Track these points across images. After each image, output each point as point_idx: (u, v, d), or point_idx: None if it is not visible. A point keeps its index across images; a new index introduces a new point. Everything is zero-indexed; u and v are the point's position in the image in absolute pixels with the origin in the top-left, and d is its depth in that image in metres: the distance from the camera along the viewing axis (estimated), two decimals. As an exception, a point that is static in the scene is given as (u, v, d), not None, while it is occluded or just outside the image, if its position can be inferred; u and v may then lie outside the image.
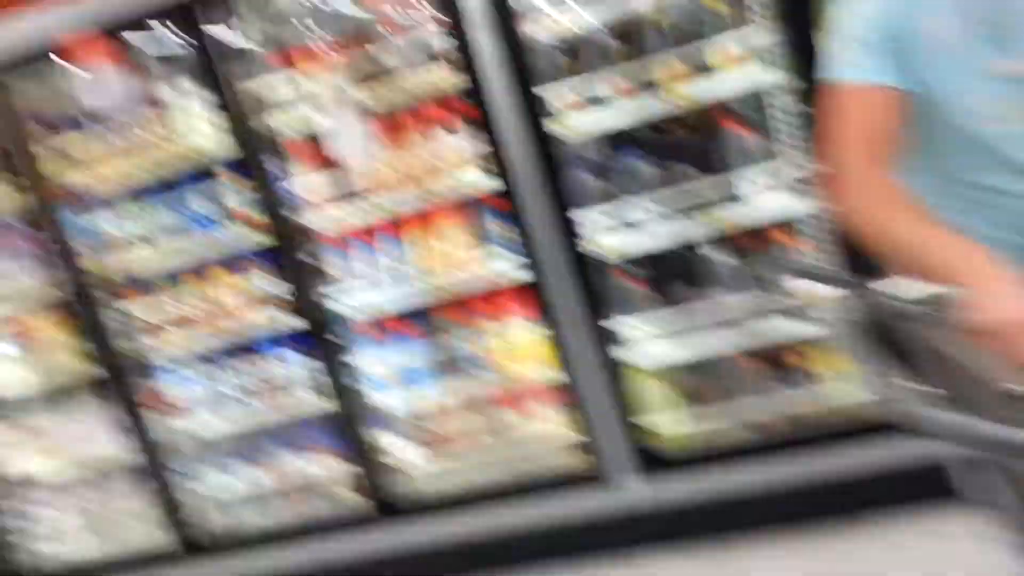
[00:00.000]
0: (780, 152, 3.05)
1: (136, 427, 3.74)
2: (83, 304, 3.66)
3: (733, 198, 3.01)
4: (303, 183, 3.44)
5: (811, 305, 3.01)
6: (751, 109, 3.11)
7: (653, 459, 3.20)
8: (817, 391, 3.14)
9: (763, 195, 2.98)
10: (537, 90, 2.96)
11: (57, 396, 4.14)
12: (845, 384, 3.07)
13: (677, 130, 3.19)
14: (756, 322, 3.09)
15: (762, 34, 2.87)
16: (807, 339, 3.12)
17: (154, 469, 3.78)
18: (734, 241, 3.17)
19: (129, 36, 3.30)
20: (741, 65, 2.90)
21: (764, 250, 3.17)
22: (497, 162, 3.05)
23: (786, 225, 3.10)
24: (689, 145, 3.16)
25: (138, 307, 3.75)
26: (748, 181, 3.00)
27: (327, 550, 3.66)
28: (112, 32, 3.27)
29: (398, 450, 3.63)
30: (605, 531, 3.31)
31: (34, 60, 3.38)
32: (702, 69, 2.94)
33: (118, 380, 3.72)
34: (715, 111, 3.09)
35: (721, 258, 3.16)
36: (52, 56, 3.32)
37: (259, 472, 3.86)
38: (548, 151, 3.00)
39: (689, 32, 3.01)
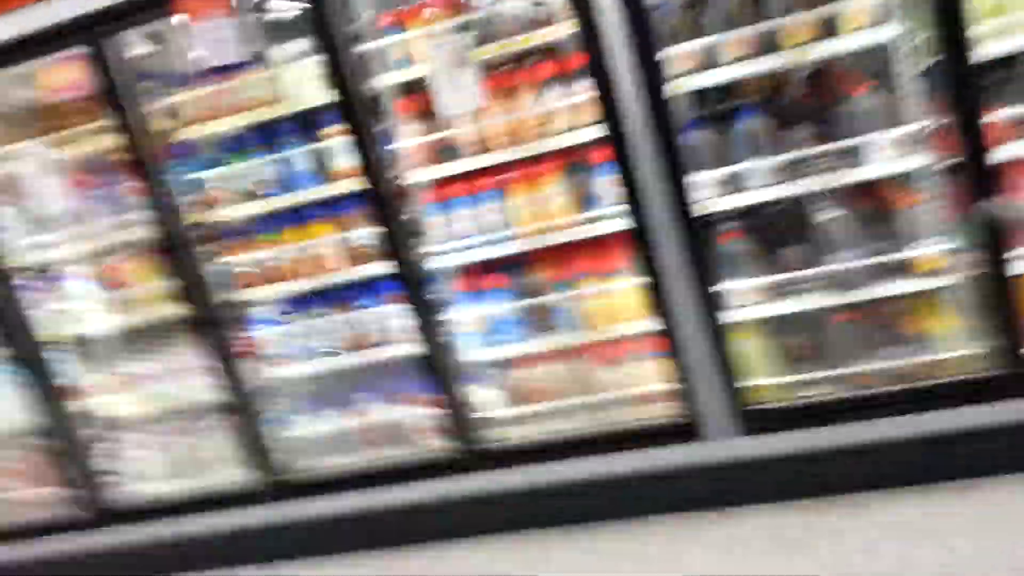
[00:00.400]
0: (901, 107, 3.03)
1: (226, 370, 3.81)
2: (179, 250, 3.71)
3: (851, 156, 3.00)
4: (405, 138, 3.46)
5: (926, 263, 3.01)
6: (873, 65, 3.07)
7: (752, 414, 3.22)
8: (923, 349, 3.16)
9: (882, 152, 2.96)
10: (654, 45, 2.93)
11: (146, 338, 4.25)
12: (952, 341, 3.10)
13: (795, 88, 3.14)
14: (865, 280, 3.09)
15: None
16: (916, 296, 3.14)
17: (242, 411, 3.85)
18: (848, 199, 3.17)
19: None
20: (866, 21, 2.86)
21: (878, 208, 3.15)
22: (608, 115, 3.04)
23: (901, 180, 3.10)
24: (807, 103, 3.13)
25: (234, 256, 3.82)
26: (868, 138, 2.97)
27: (411, 494, 3.70)
28: None
29: (487, 399, 3.69)
30: (699, 485, 3.34)
31: (143, 11, 3.37)
32: (826, 26, 2.91)
33: (210, 324, 3.79)
34: (836, 68, 3.05)
35: (834, 215, 3.15)
36: (162, 8, 3.30)
37: (346, 416, 3.93)
38: (662, 106, 2.98)
39: None
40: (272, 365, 3.89)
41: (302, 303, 3.88)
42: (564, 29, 3.10)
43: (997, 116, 2.79)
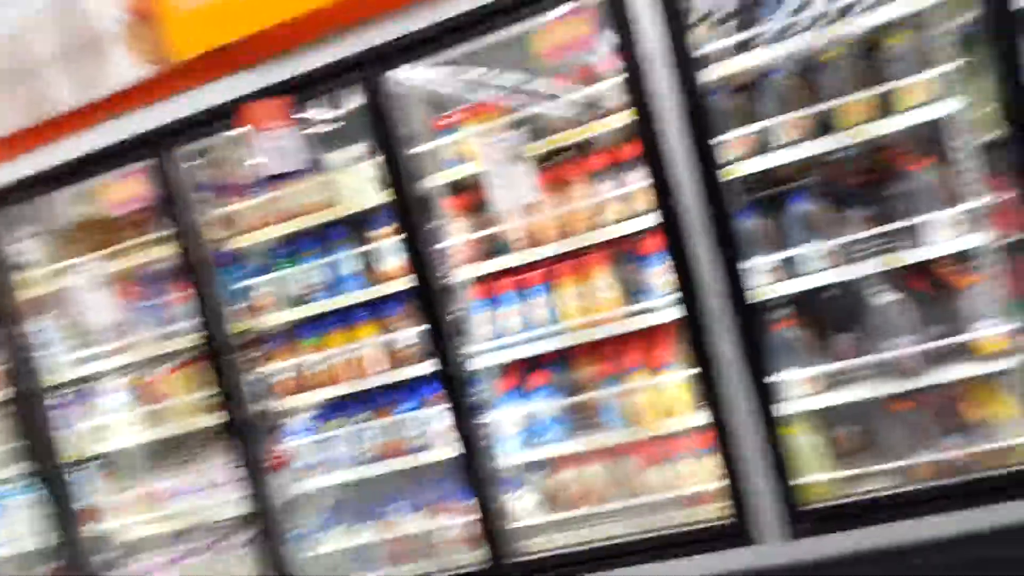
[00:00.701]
0: (960, 184, 3.05)
1: (254, 482, 3.66)
2: (220, 358, 3.67)
3: (910, 236, 3.00)
4: (454, 236, 3.52)
5: (988, 345, 2.95)
6: (930, 141, 3.13)
7: (805, 513, 3.04)
8: (985, 437, 3.03)
9: (942, 231, 2.96)
10: (709, 132, 2.98)
11: (174, 452, 4.19)
12: (1017, 428, 2.98)
13: (850, 169, 3.20)
14: (923, 365, 3.01)
15: (944, 66, 2.94)
16: (977, 381, 3.04)
17: (267, 526, 3.67)
18: (905, 280, 3.14)
19: (300, 99, 3.40)
20: (923, 97, 2.94)
21: (937, 289, 3.13)
22: (663, 203, 3.05)
23: (960, 260, 3.08)
24: (862, 184, 3.16)
25: (275, 362, 3.80)
26: (926, 218, 2.98)
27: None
28: (283, 96, 3.37)
29: (525, 505, 3.55)
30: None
31: (207, 125, 3.51)
32: (882, 105, 2.98)
33: (243, 434, 3.67)
34: (892, 146, 3.11)
35: (889, 298, 3.10)
36: (224, 122, 3.44)
37: (375, 529, 3.77)
38: (716, 192, 2.99)
39: (870, 69, 3.06)
40: (303, 476, 3.78)
41: (339, 408, 3.83)
42: (616, 120, 3.22)
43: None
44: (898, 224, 3.00)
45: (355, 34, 3.26)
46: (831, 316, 3.25)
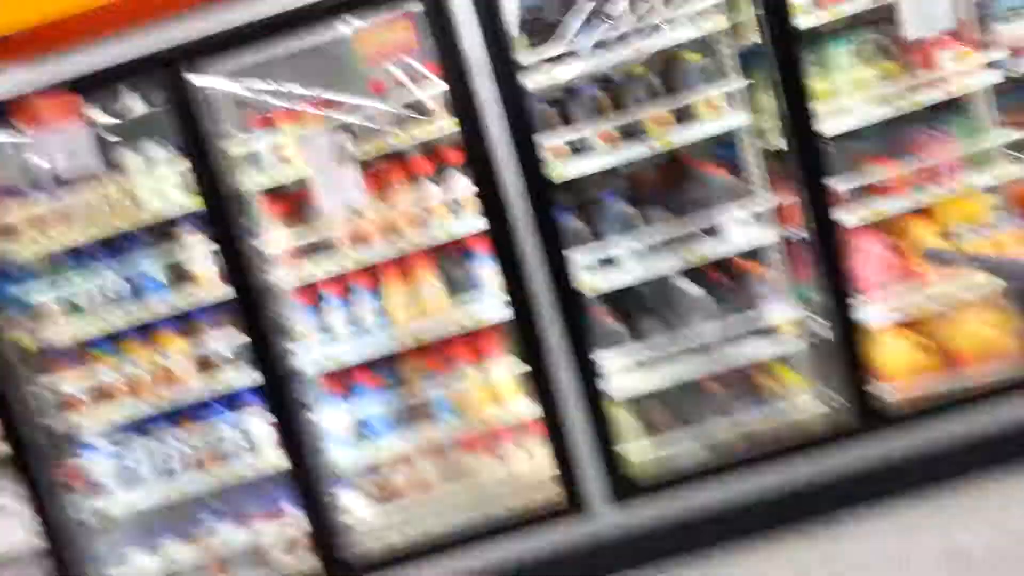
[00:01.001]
0: (750, 188, 3.42)
1: (44, 509, 3.37)
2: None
3: (708, 233, 3.33)
4: (273, 239, 3.43)
5: (778, 327, 3.34)
6: (724, 151, 3.47)
7: (630, 485, 3.30)
8: (777, 408, 3.43)
9: (735, 229, 3.32)
10: (532, 137, 3.12)
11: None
12: (805, 396, 3.40)
13: (656, 173, 3.47)
14: (723, 346, 3.37)
15: (734, 82, 3.29)
16: (771, 359, 3.45)
17: (64, 554, 3.39)
18: (705, 273, 3.48)
19: (92, 96, 3.15)
20: (716, 110, 3.29)
21: (733, 279, 3.49)
22: (488, 206, 3.16)
23: (753, 255, 3.46)
24: (666, 187, 3.44)
25: (68, 377, 3.50)
26: (722, 217, 3.33)
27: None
28: (75, 90, 3.10)
29: (358, 506, 3.54)
30: (582, 560, 3.34)
31: None
32: (682, 116, 3.29)
33: (30, 457, 3.36)
34: (691, 154, 3.42)
35: (693, 289, 3.43)
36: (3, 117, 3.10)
37: (191, 545, 3.59)
38: (538, 195, 3.15)
39: (671, 82, 3.37)
40: (107, 495, 3.52)
41: (148, 421, 3.59)
42: (441, 124, 3.29)
43: (836, 187, 3.16)
44: (697, 222, 3.34)
45: (157, 28, 3.09)
46: (642, 306, 3.53)
